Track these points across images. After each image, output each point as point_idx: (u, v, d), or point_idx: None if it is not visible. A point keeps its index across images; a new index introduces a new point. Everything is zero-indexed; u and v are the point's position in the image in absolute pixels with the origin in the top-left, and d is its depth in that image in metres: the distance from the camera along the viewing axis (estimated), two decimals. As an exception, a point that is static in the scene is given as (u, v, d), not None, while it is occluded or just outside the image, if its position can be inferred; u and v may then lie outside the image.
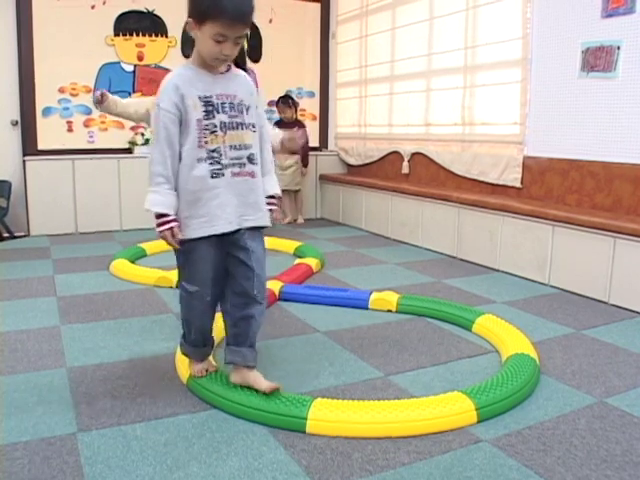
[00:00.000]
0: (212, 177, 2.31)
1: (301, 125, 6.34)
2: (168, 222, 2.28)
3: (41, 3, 6.09)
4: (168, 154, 2.28)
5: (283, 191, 6.88)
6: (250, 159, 2.35)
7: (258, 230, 2.43)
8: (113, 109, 3.68)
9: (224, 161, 2.32)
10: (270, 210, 2.50)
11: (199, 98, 2.27)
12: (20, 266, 4.55)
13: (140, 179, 6.35)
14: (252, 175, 2.38)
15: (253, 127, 2.38)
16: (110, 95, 3.65)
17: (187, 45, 2.83)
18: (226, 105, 2.34)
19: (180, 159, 2.29)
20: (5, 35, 5.97)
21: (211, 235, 2.32)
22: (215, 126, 2.30)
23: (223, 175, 2.32)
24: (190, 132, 2.30)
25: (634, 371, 2.65)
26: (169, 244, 2.33)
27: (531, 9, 4.75)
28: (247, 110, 2.37)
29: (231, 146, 2.33)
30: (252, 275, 2.34)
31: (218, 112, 2.32)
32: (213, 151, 2.30)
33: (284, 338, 3.08)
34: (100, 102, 3.63)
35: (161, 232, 2.28)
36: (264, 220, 2.45)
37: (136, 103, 3.66)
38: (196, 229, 2.31)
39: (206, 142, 2.29)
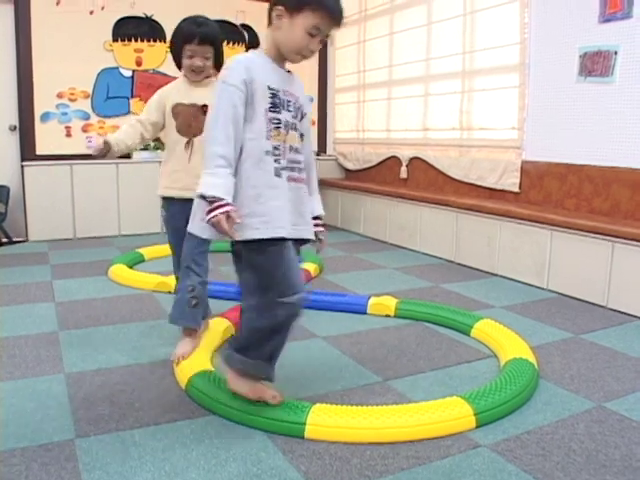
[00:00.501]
0: (275, 175, 2.13)
1: None
2: (222, 206, 1.99)
3: (40, 8, 6.06)
4: (232, 135, 2.06)
5: None
6: (302, 167, 2.24)
7: (299, 244, 2.27)
8: (123, 149, 2.96)
9: (282, 162, 2.16)
10: (317, 235, 2.36)
11: (268, 88, 2.14)
12: (18, 271, 4.53)
13: (139, 184, 6.62)
14: (305, 183, 2.25)
15: (302, 136, 2.26)
16: (110, 138, 2.90)
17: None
18: (291, 104, 2.22)
19: (241, 149, 2.10)
20: (4, 40, 5.94)
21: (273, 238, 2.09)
22: (280, 122, 2.17)
23: (281, 177, 2.15)
24: (256, 120, 2.12)
25: (633, 375, 2.65)
26: (224, 232, 2.02)
27: (529, 14, 4.75)
28: (303, 117, 2.27)
29: (290, 147, 2.20)
30: None
31: (284, 108, 2.20)
32: (276, 148, 2.15)
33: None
34: (104, 154, 2.90)
35: (214, 217, 1.99)
36: (310, 234, 2.28)
37: (141, 121, 3.00)
38: (259, 229, 2.08)
39: (271, 136, 2.13)
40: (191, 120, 2.91)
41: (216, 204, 2.00)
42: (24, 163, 6.15)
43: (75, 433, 2.12)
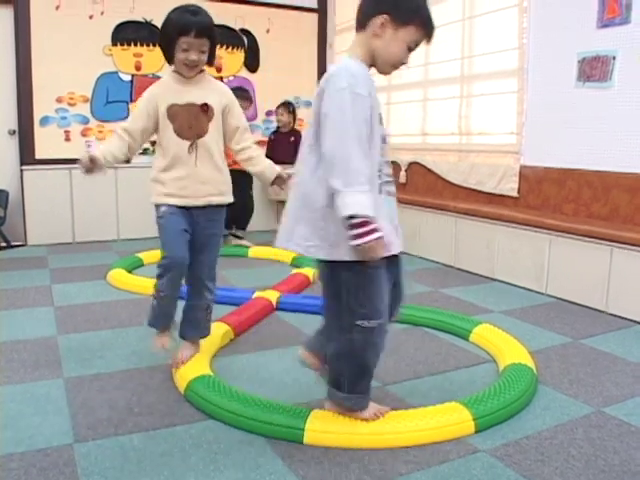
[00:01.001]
0: (379, 192, 2.04)
1: (297, 134, 6.34)
2: (374, 230, 1.88)
3: (39, 12, 6.05)
4: (367, 151, 1.95)
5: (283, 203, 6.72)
6: (392, 179, 2.16)
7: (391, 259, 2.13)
8: (111, 162, 2.70)
9: (383, 177, 2.08)
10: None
11: (375, 98, 2.06)
12: (17, 276, 4.53)
13: (138, 188, 6.39)
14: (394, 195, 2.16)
15: None
16: (96, 153, 2.64)
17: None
18: (381, 114, 2.13)
19: None
20: (3, 43, 5.92)
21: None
22: (384, 135, 2.09)
23: (382, 193, 2.06)
24: (373, 135, 2.00)
25: (631, 380, 2.65)
26: (370, 259, 1.92)
27: (527, 19, 4.73)
28: None
29: (386, 161, 2.12)
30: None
31: (380, 120, 2.11)
32: (380, 163, 2.06)
33: (282, 348, 3.06)
34: (91, 169, 2.64)
35: (368, 242, 1.87)
36: (400, 247, 2.16)
37: (127, 130, 2.72)
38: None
39: (381, 151, 2.05)
40: (192, 121, 2.68)
41: (370, 227, 1.88)
42: (23, 167, 6.10)
43: (74, 438, 2.11)
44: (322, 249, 1.97)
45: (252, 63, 7.20)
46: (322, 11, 7.62)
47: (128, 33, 6.65)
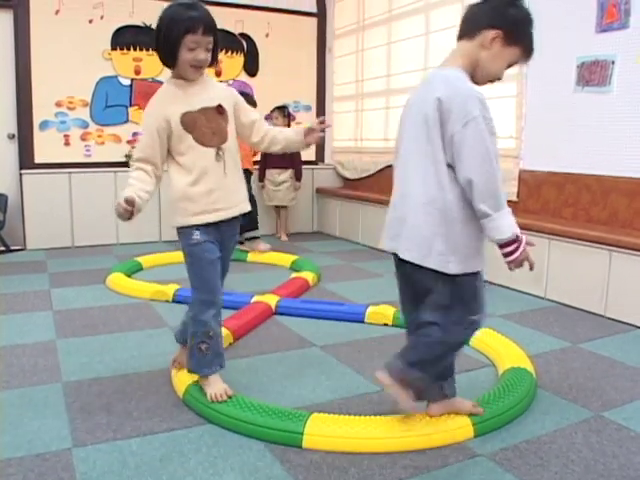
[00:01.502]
0: None
1: None
2: (523, 243, 2.05)
3: (39, 17, 6.04)
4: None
5: (276, 207, 6.61)
6: None
7: None
8: (148, 198, 2.42)
9: None
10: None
11: None
12: (16, 280, 4.51)
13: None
14: None
15: None
16: (130, 195, 2.32)
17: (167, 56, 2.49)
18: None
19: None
20: (3, 48, 5.91)
21: None
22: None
23: None
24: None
25: (630, 385, 2.64)
26: (519, 267, 2.07)
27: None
28: None
29: None
30: None
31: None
32: None
33: (281, 352, 3.05)
34: (130, 213, 2.29)
35: (522, 253, 2.02)
36: None
37: (147, 159, 2.47)
38: (475, 262, 2.10)
39: None
40: (213, 126, 2.45)
41: (522, 242, 2.03)
42: (22, 171, 6.03)
43: (72, 442, 2.10)
44: (459, 264, 2.04)
45: (251, 67, 7.20)
46: (321, 16, 7.52)
47: (127, 37, 6.61)
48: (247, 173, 3.76)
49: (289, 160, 6.58)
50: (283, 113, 6.68)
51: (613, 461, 2.00)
